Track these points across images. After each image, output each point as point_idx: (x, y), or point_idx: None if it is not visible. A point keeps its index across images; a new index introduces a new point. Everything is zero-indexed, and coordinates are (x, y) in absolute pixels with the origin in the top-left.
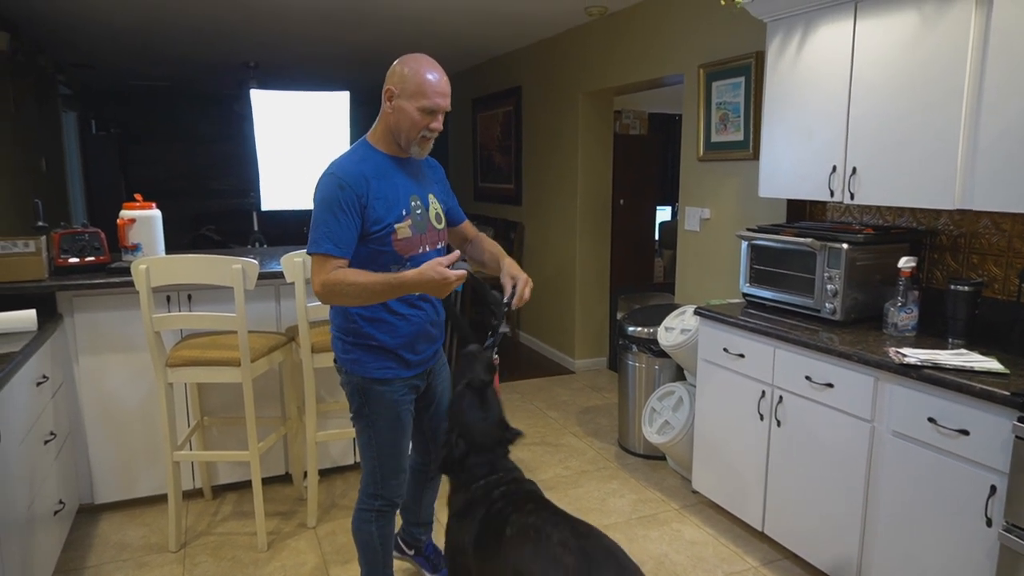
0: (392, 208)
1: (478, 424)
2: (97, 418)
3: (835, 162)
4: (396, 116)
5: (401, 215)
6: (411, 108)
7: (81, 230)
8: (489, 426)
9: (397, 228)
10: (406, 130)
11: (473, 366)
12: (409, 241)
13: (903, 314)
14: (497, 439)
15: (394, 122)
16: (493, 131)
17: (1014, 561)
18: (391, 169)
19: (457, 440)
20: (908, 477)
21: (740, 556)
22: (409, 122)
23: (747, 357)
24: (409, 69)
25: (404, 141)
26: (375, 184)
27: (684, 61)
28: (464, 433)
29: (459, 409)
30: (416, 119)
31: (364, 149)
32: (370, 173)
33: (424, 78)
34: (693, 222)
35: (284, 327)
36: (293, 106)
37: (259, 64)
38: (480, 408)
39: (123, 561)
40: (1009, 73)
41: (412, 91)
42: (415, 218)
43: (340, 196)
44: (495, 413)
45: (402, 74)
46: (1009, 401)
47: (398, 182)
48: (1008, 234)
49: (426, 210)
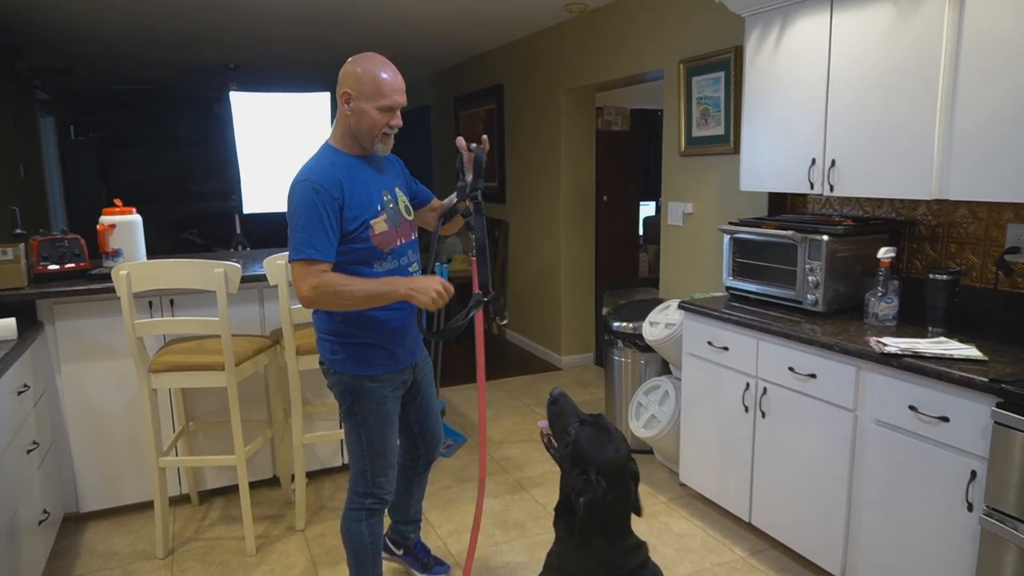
0: (367, 206)
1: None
2: (81, 426)
3: (814, 155)
4: (356, 118)
5: (377, 211)
6: (370, 109)
7: (61, 236)
8: (624, 455)
9: (373, 224)
10: (367, 130)
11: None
12: (386, 235)
13: (883, 304)
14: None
15: (355, 124)
16: (476, 129)
17: (995, 544)
18: (359, 169)
19: (598, 478)
20: (890, 465)
21: (727, 547)
22: (370, 122)
23: (731, 350)
24: (363, 70)
25: (367, 141)
26: (348, 185)
27: (664, 57)
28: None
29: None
30: (376, 119)
31: (330, 153)
32: (342, 175)
33: (380, 77)
34: (676, 217)
35: (268, 330)
36: (273, 108)
37: (239, 66)
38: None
39: (110, 569)
40: (982, 64)
41: (370, 92)
42: (389, 212)
43: (316, 200)
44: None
45: (357, 75)
46: (988, 387)
47: (368, 180)
48: (985, 222)
49: (396, 203)
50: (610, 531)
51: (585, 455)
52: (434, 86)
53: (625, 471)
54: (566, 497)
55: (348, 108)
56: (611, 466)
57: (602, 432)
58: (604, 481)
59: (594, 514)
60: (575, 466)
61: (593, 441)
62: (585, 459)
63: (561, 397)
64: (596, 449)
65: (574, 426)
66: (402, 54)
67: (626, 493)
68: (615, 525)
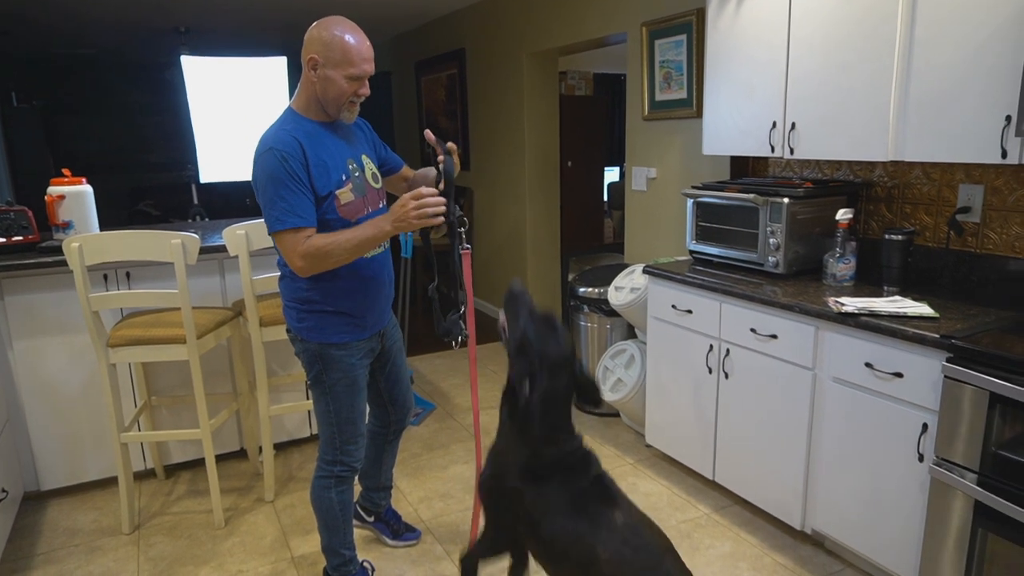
0: (331, 174)
1: (554, 350)
2: (37, 403)
3: (775, 118)
4: (323, 85)
5: (341, 180)
6: (338, 76)
7: (6, 208)
8: (566, 351)
9: (339, 194)
10: (334, 98)
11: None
12: (353, 205)
13: (841, 264)
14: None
15: (320, 91)
16: (438, 95)
17: (943, 491)
18: (323, 135)
19: (540, 364)
20: (847, 420)
21: (693, 504)
22: (337, 90)
23: (695, 313)
24: (330, 35)
25: (333, 108)
26: (311, 152)
27: (627, 20)
28: (544, 359)
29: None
30: (344, 87)
31: (292, 119)
32: (304, 140)
33: (349, 45)
34: (640, 182)
35: (231, 302)
36: (228, 73)
37: (190, 29)
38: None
39: (75, 546)
40: (937, 25)
41: (338, 59)
42: (355, 181)
43: (285, 168)
44: (568, 340)
45: (324, 41)
46: (939, 343)
47: (332, 148)
48: (938, 183)
49: (362, 171)
50: (547, 421)
51: (530, 345)
52: (394, 51)
53: (565, 366)
54: (511, 384)
55: (314, 75)
56: (552, 358)
57: (548, 328)
58: (545, 372)
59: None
60: (520, 355)
61: (539, 334)
62: (530, 349)
63: (520, 291)
64: (541, 342)
65: (524, 318)
66: (360, 16)
67: (565, 388)
68: (552, 416)
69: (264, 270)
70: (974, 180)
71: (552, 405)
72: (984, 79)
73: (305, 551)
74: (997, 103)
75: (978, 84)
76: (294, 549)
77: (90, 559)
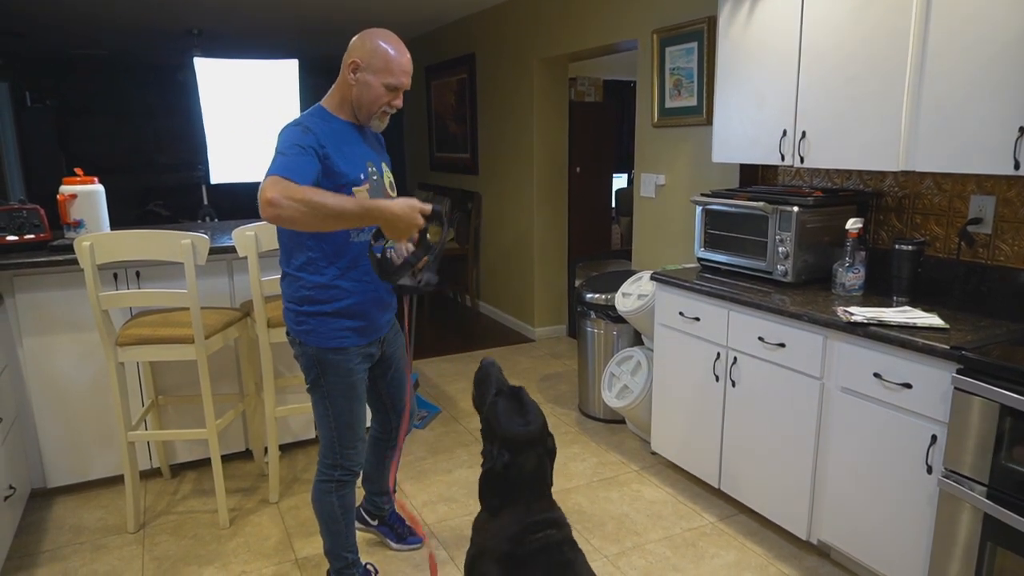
0: (352, 167)
1: (521, 432)
2: (45, 400)
3: (785, 126)
4: (359, 89)
5: (359, 179)
6: (376, 83)
7: (19, 207)
8: (534, 431)
9: (356, 192)
10: (368, 104)
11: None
12: None
13: (850, 274)
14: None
15: (356, 95)
16: (447, 99)
17: (952, 504)
18: (349, 133)
19: (500, 451)
20: (855, 431)
21: (698, 513)
22: (372, 96)
23: (702, 320)
24: (375, 44)
25: (364, 114)
26: (336, 143)
27: (638, 27)
28: (507, 443)
29: (495, 416)
30: (380, 94)
31: (323, 113)
32: (332, 131)
33: (391, 55)
34: (648, 188)
35: (239, 302)
36: (240, 75)
37: (203, 31)
38: (520, 414)
39: (80, 544)
40: (950, 36)
41: (379, 67)
42: (372, 183)
43: (303, 137)
44: (538, 418)
45: (369, 48)
46: (949, 354)
47: (356, 147)
48: (949, 194)
49: (381, 177)
50: (520, 504)
51: (494, 426)
52: None
53: (535, 446)
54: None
55: (353, 78)
56: (518, 439)
57: (516, 405)
58: (508, 454)
59: (491, 484)
60: (486, 436)
61: (505, 413)
62: (494, 429)
63: (489, 366)
64: (506, 421)
65: (491, 396)
66: (371, 20)
67: (537, 468)
68: (524, 498)
69: (273, 271)
70: (986, 191)
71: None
72: (996, 90)
73: (309, 553)
74: (1010, 114)
75: (990, 95)
76: (298, 551)
77: (95, 557)
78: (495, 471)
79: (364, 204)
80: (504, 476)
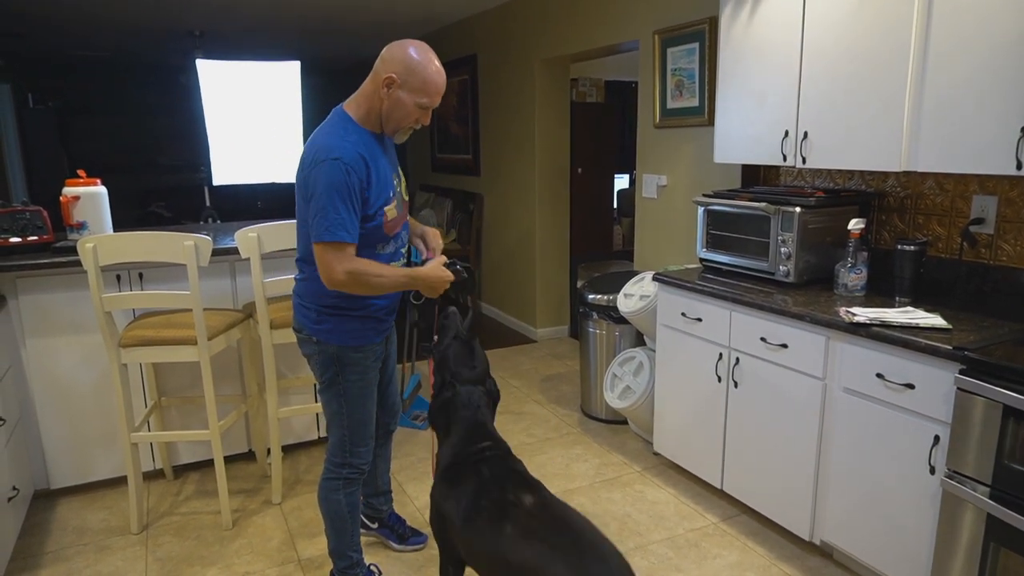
0: (383, 191)
1: (467, 372)
2: (49, 402)
3: (787, 127)
4: (391, 104)
5: (389, 197)
6: (410, 101)
7: (22, 208)
8: (478, 373)
9: (387, 210)
10: (397, 120)
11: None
12: (395, 220)
13: (853, 275)
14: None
15: (387, 109)
16: (449, 100)
17: (954, 504)
18: (376, 149)
19: (450, 382)
20: (858, 431)
21: (700, 513)
22: (403, 113)
23: (704, 321)
24: (415, 61)
25: (391, 128)
26: (372, 168)
27: (639, 27)
28: (455, 378)
29: (447, 357)
30: (411, 111)
31: (353, 127)
32: (366, 155)
33: (431, 76)
34: (650, 189)
35: (241, 304)
36: (242, 77)
37: (204, 33)
38: (469, 358)
39: (83, 545)
40: (952, 35)
41: (416, 86)
42: (398, 198)
43: (347, 182)
44: (482, 364)
45: (408, 65)
46: (951, 355)
47: (384, 163)
48: (951, 194)
49: (400, 187)
50: (462, 430)
51: (448, 364)
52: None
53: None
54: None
55: (386, 92)
56: (461, 377)
57: (467, 350)
58: (454, 387)
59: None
60: (439, 370)
61: (456, 355)
62: (448, 367)
63: (452, 315)
64: (455, 362)
65: (449, 339)
66: (373, 22)
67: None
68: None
69: (275, 272)
70: (988, 191)
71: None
72: (999, 90)
73: (312, 554)
74: (1012, 114)
75: (993, 95)
76: (301, 551)
77: (98, 558)
78: (443, 400)
79: (411, 275)
80: (451, 404)
